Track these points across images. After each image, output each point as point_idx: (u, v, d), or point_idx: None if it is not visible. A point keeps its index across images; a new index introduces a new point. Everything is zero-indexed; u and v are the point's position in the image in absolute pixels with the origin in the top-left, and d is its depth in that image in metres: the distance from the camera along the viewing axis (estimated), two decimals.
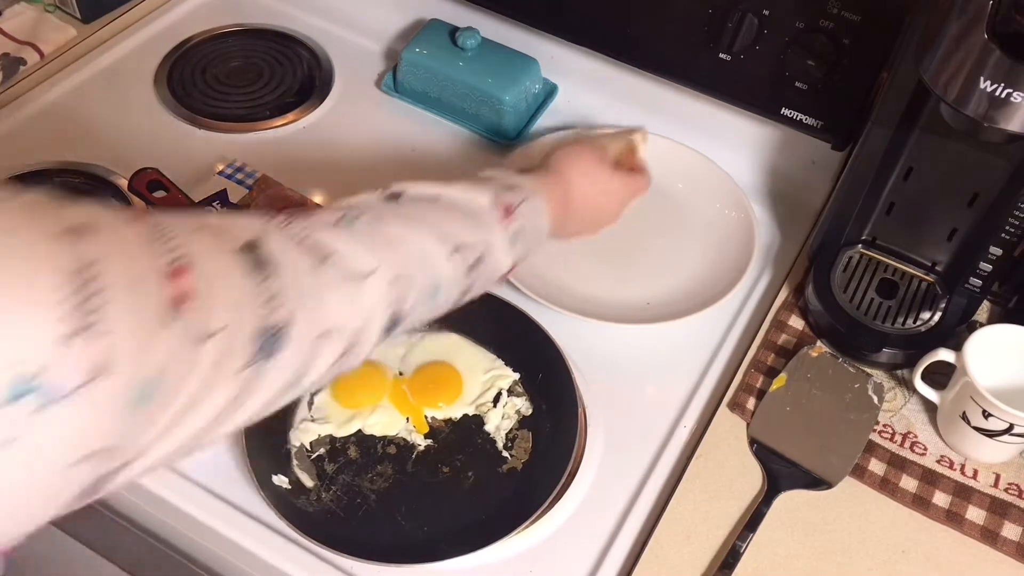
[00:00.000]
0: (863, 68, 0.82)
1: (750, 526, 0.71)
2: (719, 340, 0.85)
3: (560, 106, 1.03)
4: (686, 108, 0.97)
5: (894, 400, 0.80)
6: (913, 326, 0.83)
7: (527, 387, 0.79)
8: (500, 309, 0.80)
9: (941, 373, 0.76)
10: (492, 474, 0.74)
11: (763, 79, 0.87)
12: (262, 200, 0.89)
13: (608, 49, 0.95)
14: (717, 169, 0.95)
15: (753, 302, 0.88)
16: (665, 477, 0.75)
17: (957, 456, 0.76)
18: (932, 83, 0.65)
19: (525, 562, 0.70)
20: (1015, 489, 0.74)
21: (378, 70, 1.07)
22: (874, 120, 0.77)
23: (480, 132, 1.00)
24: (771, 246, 0.93)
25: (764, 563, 0.70)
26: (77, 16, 1.09)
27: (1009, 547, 0.71)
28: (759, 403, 0.78)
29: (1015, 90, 0.60)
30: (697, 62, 0.89)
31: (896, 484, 0.74)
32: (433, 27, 1.02)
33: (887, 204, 0.84)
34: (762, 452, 0.76)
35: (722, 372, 0.82)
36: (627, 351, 0.84)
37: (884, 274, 0.86)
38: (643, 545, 0.70)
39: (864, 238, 0.87)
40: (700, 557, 0.70)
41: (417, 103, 1.02)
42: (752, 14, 0.83)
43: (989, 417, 0.71)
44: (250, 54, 1.07)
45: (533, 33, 0.99)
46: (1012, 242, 0.77)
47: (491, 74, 0.98)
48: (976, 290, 0.82)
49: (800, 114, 0.88)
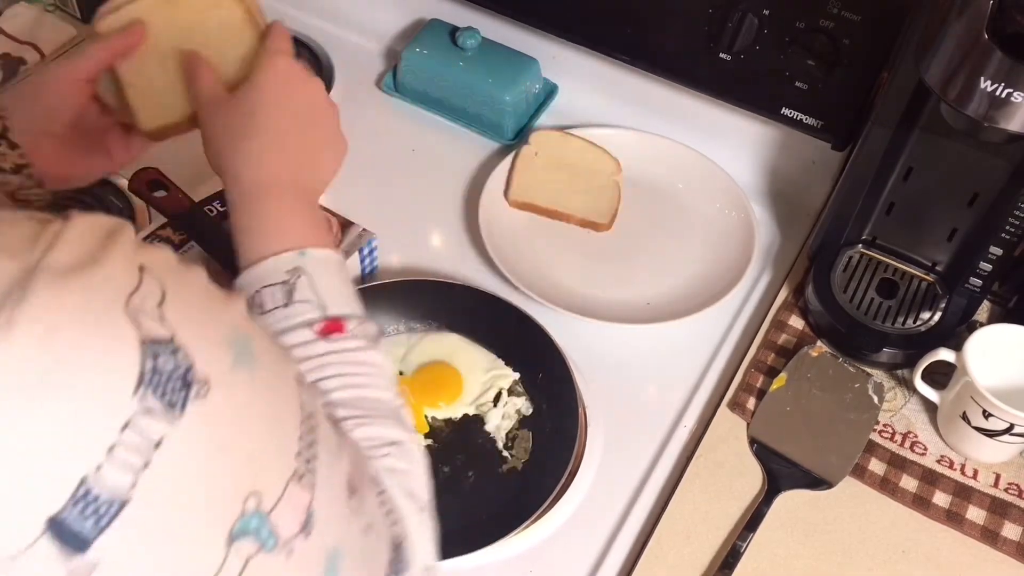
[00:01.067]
0: (863, 68, 0.82)
1: (750, 526, 0.71)
2: (719, 340, 0.85)
3: (560, 106, 1.03)
4: (686, 108, 0.97)
5: (894, 400, 0.80)
6: (913, 326, 0.83)
7: (527, 387, 0.79)
8: (500, 309, 0.80)
9: (941, 373, 0.76)
10: (492, 474, 0.74)
11: (763, 79, 0.87)
12: None
13: (608, 49, 0.95)
14: (717, 169, 0.95)
15: (753, 302, 0.88)
16: (665, 477, 0.75)
17: (957, 456, 0.76)
18: (932, 83, 0.65)
19: (525, 562, 0.70)
20: (1015, 489, 0.74)
21: (378, 70, 1.07)
22: (874, 120, 0.77)
23: (480, 132, 1.00)
24: (771, 246, 0.93)
25: (764, 563, 0.69)
26: (77, 16, 1.09)
27: (1009, 547, 0.71)
28: (759, 403, 0.78)
29: (1015, 90, 0.60)
30: (697, 62, 0.89)
31: (896, 484, 0.74)
32: (433, 27, 1.02)
33: (887, 204, 0.84)
34: (762, 452, 0.76)
35: (722, 372, 0.82)
36: (627, 351, 0.84)
37: (884, 274, 0.86)
38: (643, 545, 0.70)
39: (864, 238, 0.87)
40: (700, 557, 0.70)
41: (417, 103, 1.02)
42: (752, 14, 0.83)
43: (989, 417, 0.71)
44: None
45: (533, 33, 0.99)
46: (1012, 242, 0.77)
47: (491, 74, 0.98)
48: (976, 290, 0.82)
49: (800, 114, 0.87)
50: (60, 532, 0.29)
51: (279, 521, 0.33)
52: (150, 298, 0.31)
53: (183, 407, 0.30)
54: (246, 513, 0.32)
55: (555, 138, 0.97)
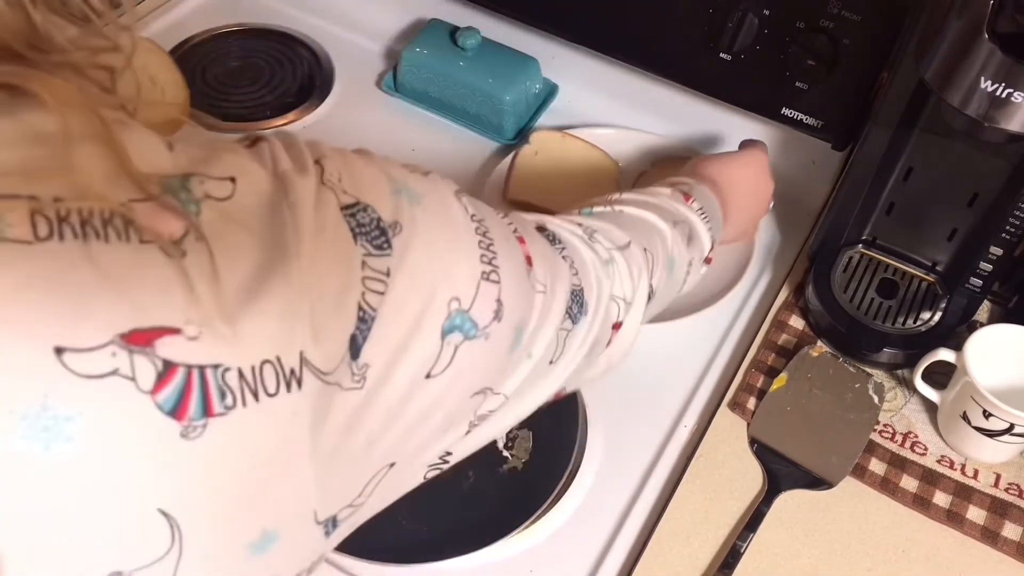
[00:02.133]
0: (863, 68, 0.82)
1: (750, 526, 0.71)
2: (719, 340, 0.85)
3: (560, 106, 1.03)
4: (686, 108, 0.97)
5: (894, 400, 0.80)
6: (913, 326, 0.83)
7: None
8: None
9: (941, 373, 0.76)
10: (492, 474, 0.74)
11: (763, 79, 0.87)
12: None
13: (608, 49, 0.95)
14: None
15: (753, 302, 0.88)
16: (665, 477, 0.75)
17: (957, 456, 0.76)
18: (932, 83, 0.65)
19: (525, 562, 0.70)
20: (1015, 489, 0.74)
21: (378, 70, 1.07)
22: (874, 120, 0.77)
23: (480, 132, 1.00)
24: (771, 246, 0.93)
25: (764, 563, 0.69)
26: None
27: (1009, 547, 0.71)
28: (759, 403, 0.78)
29: (1015, 90, 0.60)
30: (697, 62, 0.89)
31: (896, 484, 0.74)
32: (433, 27, 1.02)
33: (887, 204, 0.84)
34: (762, 452, 0.76)
35: (722, 372, 0.82)
36: None
37: (884, 274, 0.86)
38: (643, 545, 0.70)
39: (864, 238, 0.87)
40: (700, 557, 0.70)
41: (417, 103, 1.02)
42: (752, 14, 0.83)
43: (989, 417, 0.71)
44: (250, 54, 1.07)
45: (533, 33, 0.99)
46: (1012, 242, 0.77)
47: (491, 74, 0.98)
48: (976, 290, 0.82)
49: (800, 114, 0.87)
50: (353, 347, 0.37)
51: (478, 314, 0.42)
52: (334, 177, 0.39)
53: (389, 243, 0.39)
54: (451, 314, 0.41)
55: (555, 138, 0.97)
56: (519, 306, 0.45)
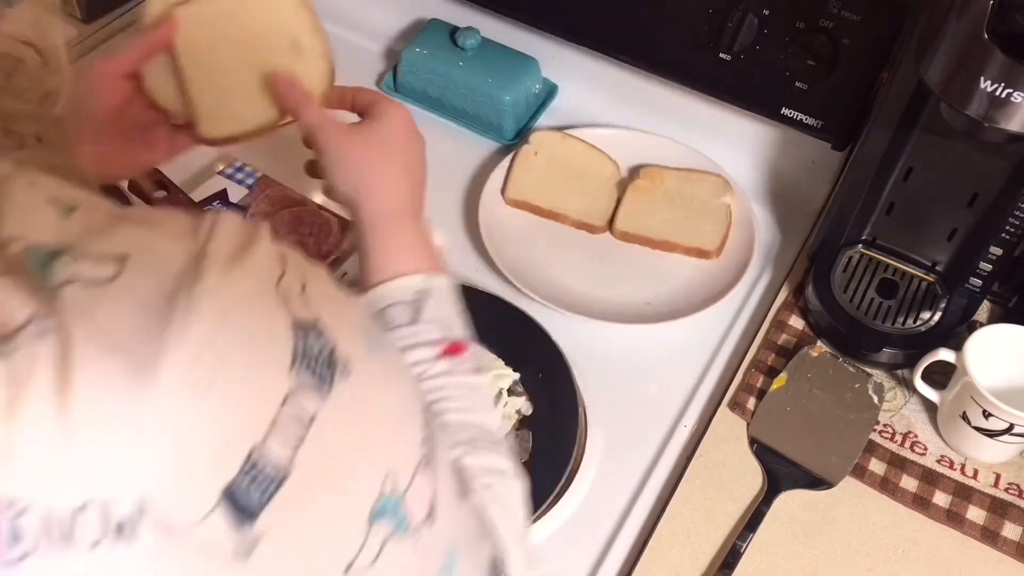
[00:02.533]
0: (863, 68, 0.82)
1: (750, 526, 0.71)
2: (719, 340, 0.85)
3: (560, 106, 1.03)
4: (686, 108, 0.97)
5: (894, 400, 0.80)
6: (913, 326, 0.83)
7: (527, 387, 0.79)
8: (500, 309, 0.80)
9: (941, 373, 0.76)
10: None
11: (763, 79, 0.87)
12: (262, 200, 0.89)
13: (608, 49, 0.95)
14: (717, 169, 0.95)
15: (753, 302, 0.88)
16: (665, 477, 0.75)
17: (957, 456, 0.76)
18: (932, 83, 0.65)
19: None
20: (1015, 489, 0.74)
21: (378, 70, 1.07)
22: (874, 120, 0.77)
23: (480, 132, 1.00)
24: (771, 246, 0.93)
25: (764, 563, 0.69)
26: (77, 16, 1.08)
27: (1009, 547, 0.71)
28: (759, 403, 0.78)
29: (1015, 90, 0.60)
30: (697, 62, 0.89)
31: (896, 484, 0.74)
32: (433, 27, 1.02)
33: (887, 204, 0.84)
34: (762, 452, 0.76)
35: (722, 372, 0.82)
36: (627, 351, 0.84)
37: (884, 274, 0.86)
38: (643, 545, 0.70)
39: (864, 238, 0.87)
40: (700, 557, 0.70)
41: (417, 103, 1.02)
42: (752, 14, 0.83)
43: (989, 417, 0.71)
44: None
45: (533, 33, 0.99)
46: (1012, 242, 0.77)
47: (491, 74, 0.98)
48: (976, 290, 0.82)
49: (800, 114, 0.88)
50: (233, 502, 0.30)
51: (411, 505, 0.35)
52: (294, 284, 0.33)
53: (331, 384, 0.32)
54: (384, 494, 0.34)
55: (555, 138, 0.97)
56: (453, 524, 0.39)
